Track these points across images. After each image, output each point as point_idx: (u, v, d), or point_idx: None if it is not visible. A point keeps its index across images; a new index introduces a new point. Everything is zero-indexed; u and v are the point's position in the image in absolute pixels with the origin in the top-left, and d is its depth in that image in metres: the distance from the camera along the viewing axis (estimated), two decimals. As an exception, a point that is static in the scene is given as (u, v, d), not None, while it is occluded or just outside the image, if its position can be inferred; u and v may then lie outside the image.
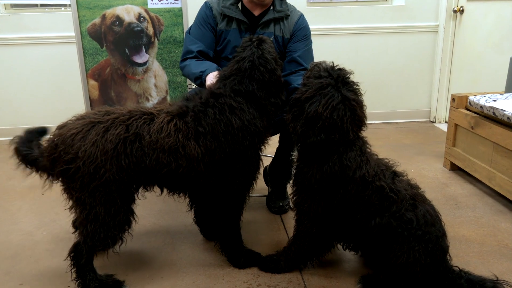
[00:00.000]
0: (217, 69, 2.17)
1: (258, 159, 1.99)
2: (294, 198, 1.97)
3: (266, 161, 2.56)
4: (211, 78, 2.07)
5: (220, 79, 1.96)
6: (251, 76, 1.91)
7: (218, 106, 1.85)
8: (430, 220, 1.80)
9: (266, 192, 2.79)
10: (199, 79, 2.20)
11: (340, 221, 1.88)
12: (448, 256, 1.86)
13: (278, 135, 2.49)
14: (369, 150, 1.89)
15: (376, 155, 1.94)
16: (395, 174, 1.88)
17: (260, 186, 2.84)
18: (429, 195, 1.97)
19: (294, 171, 1.97)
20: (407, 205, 1.79)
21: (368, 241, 1.84)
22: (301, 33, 2.40)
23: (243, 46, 1.98)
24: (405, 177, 1.91)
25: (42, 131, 1.92)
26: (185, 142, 1.80)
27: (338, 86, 1.80)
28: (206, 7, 2.40)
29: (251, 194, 2.10)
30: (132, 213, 1.90)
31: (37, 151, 1.84)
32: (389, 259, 1.78)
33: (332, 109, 1.76)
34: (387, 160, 1.94)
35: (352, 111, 1.80)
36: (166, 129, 1.79)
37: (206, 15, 2.39)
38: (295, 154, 2.00)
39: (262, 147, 2.01)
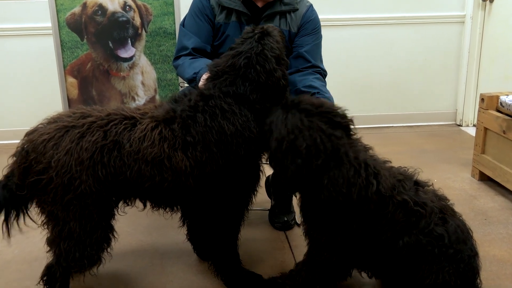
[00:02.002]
0: None
1: (257, 169, 1.99)
2: (308, 231, 1.96)
3: (269, 170, 2.56)
4: (205, 79, 2.07)
5: (212, 77, 1.95)
6: (245, 76, 1.87)
7: (209, 111, 1.83)
8: (462, 236, 1.80)
9: (268, 205, 2.79)
10: (193, 82, 2.20)
11: (363, 245, 1.87)
12: (478, 280, 1.86)
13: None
14: (372, 158, 1.83)
15: (389, 161, 1.92)
16: (418, 184, 1.88)
17: (262, 198, 2.84)
18: (455, 209, 1.97)
19: (300, 204, 1.96)
20: (436, 219, 1.79)
21: (395, 264, 1.83)
22: (310, 26, 2.41)
23: (244, 37, 1.95)
24: (431, 186, 1.91)
25: None
26: (171, 153, 1.78)
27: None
28: None
29: (251, 208, 2.10)
30: (111, 229, 1.90)
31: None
32: (416, 280, 1.78)
33: (284, 125, 1.73)
34: (405, 168, 1.94)
35: (306, 111, 1.76)
36: (149, 138, 1.77)
37: (202, 5, 2.39)
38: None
39: (262, 155, 2.00)
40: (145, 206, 1.99)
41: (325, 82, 2.40)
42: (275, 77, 1.90)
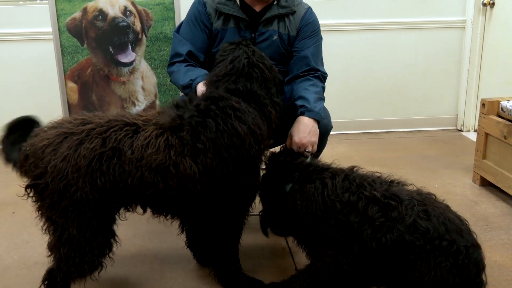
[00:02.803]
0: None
1: (258, 171, 2.01)
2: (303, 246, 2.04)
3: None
4: (202, 87, 2.09)
5: (212, 82, 1.98)
6: (248, 74, 1.95)
7: (220, 114, 1.84)
8: (453, 227, 1.75)
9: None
10: (188, 88, 2.21)
11: (354, 251, 1.86)
12: (484, 276, 1.79)
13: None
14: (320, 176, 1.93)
15: (359, 167, 1.98)
16: (392, 182, 1.91)
17: (262, 203, 2.84)
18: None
19: None
20: (417, 211, 1.76)
21: (388, 264, 1.82)
22: (309, 28, 2.43)
23: (227, 49, 2.05)
24: (410, 185, 1.92)
25: (29, 122, 1.92)
26: (179, 160, 1.77)
27: None
28: (199, 3, 2.42)
29: (251, 214, 2.11)
30: (113, 235, 1.90)
31: (16, 155, 1.85)
32: (415, 279, 1.75)
33: None
34: (379, 174, 1.96)
35: None
36: (154, 145, 1.76)
37: (198, 12, 2.41)
38: None
39: (263, 156, 2.04)
40: (145, 212, 2.00)
41: (323, 85, 2.41)
42: (275, 72, 2.04)
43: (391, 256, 1.79)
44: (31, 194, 1.81)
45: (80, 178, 1.72)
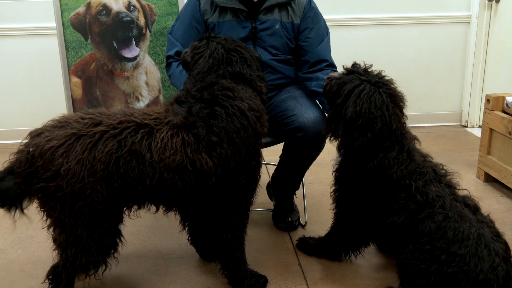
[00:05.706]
0: None
1: (261, 153, 2.04)
2: (338, 198, 2.18)
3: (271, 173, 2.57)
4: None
5: (198, 79, 1.98)
6: (228, 60, 1.99)
7: (225, 98, 1.87)
8: (459, 239, 1.84)
9: (270, 206, 2.80)
10: None
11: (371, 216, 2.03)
12: None
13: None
14: (413, 148, 2.03)
15: (429, 157, 2.07)
16: (438, 181, 1.99)
17: (266, 199, 2.85)
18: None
19: (336, 174, 2.16)
20: (436, 212, 1.87)
21: (386, 239, 2.04)
22: (314, 24, 2.46)
23: (199, 46, 2.06)
24: (461, 190, 2.04)
25: None
26: (195, 157, 1.79)
27: (368, 80, 2.01)
28: (193, 2, 2.44)
29: (255, 209, 2.11)
30: (119, 235, 1.90)
31: None
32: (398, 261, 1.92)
33: (368, 102, 1.93)
34: (441, 166, 2.07)
35: (390, 96, 2.04)
36: (170, 146, 1.77)
37: (191, 12, 2.43)
38: (336, 159, 2.16)
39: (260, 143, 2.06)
40: (157, 210, 2.00)
41: None
42: (251, 50, 2.10)
43: (389, 231, 1.97)
44: (37, 196, 1.78)
45: (96, 181, 1.71)
